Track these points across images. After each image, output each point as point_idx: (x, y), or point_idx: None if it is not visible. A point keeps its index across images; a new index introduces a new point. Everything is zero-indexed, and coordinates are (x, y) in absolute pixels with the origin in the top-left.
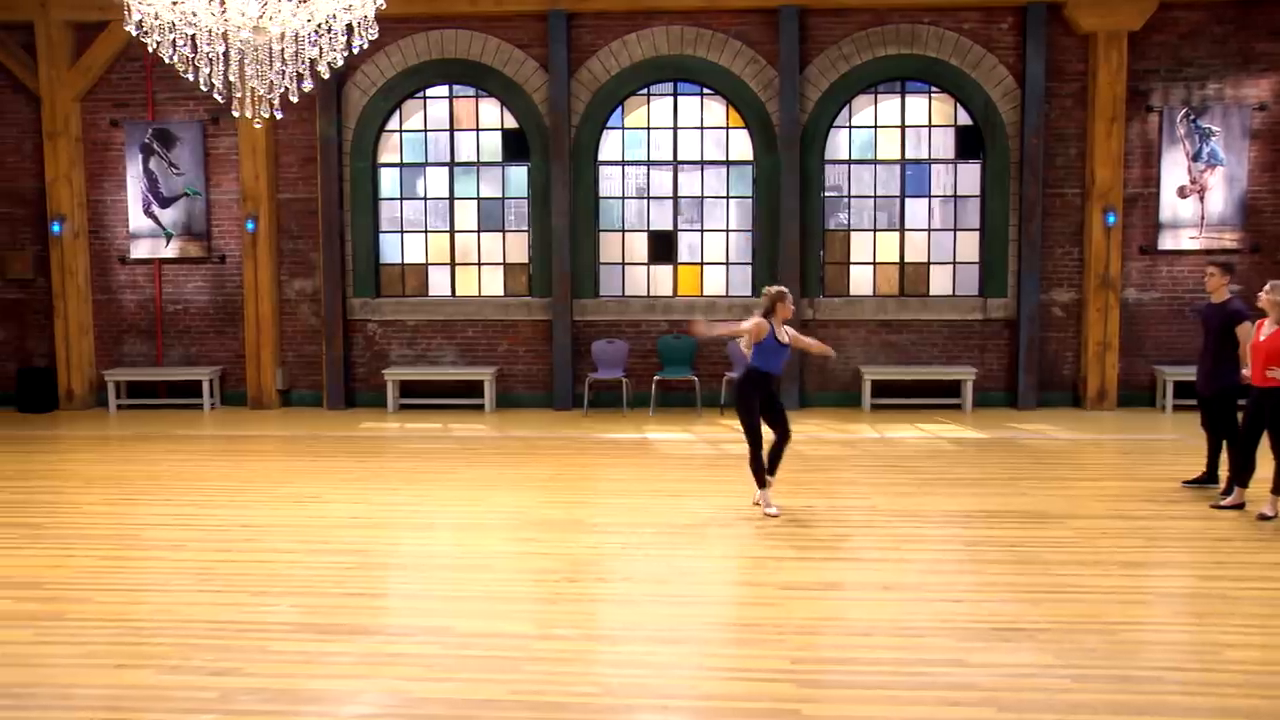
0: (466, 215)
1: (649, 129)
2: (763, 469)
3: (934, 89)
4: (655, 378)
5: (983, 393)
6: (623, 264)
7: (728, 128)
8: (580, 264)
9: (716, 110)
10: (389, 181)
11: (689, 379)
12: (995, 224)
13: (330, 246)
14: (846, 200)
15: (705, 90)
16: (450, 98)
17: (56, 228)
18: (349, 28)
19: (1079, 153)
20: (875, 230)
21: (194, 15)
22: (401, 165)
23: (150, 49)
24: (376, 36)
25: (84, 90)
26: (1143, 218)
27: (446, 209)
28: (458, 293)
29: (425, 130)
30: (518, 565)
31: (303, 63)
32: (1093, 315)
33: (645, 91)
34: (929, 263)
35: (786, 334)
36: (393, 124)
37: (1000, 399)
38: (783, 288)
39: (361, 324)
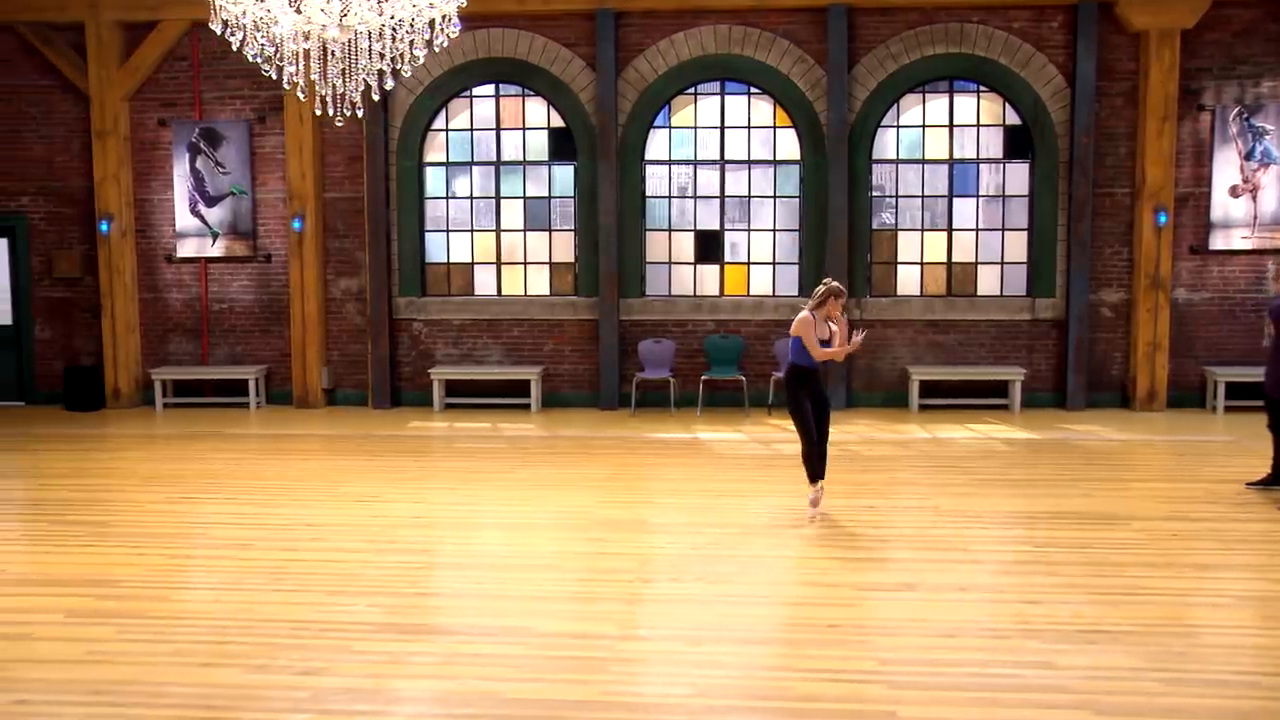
0: (512, 214)
1: (696, 128)
2: (816, 465)
3: (982, 88)
4: (703, 377)
5: (1030, 393)
6: (669, 263)
7: (775, 127)
8: (627, 263)
9: (764, 109)
10: (435, 180)
11: (736, 379)
12: (1044, 224)
13: (376, 246)
14: (893, 200)
15: (753, 89)
16: (496, 96)
17: (105, 227)
18: (430, 24)
19: (1129, 152)
20: (923, 230)
21: (281, 13)
22: (448, 164)
23: (234, 47)
24: (457, 33)
25: (132, 90)
26: (1193, 217)
27: (492, 208)
28: (503, 292)
29: (471, 129)
30: (588, 565)
31: (388, 60)
32: (1142, 315)
33: (692, 90)
34: (976, 263)
35: (830, 329)
36: (439, 123)
37: (1048, 399)
38: (840, 285)
39: (407, 323)
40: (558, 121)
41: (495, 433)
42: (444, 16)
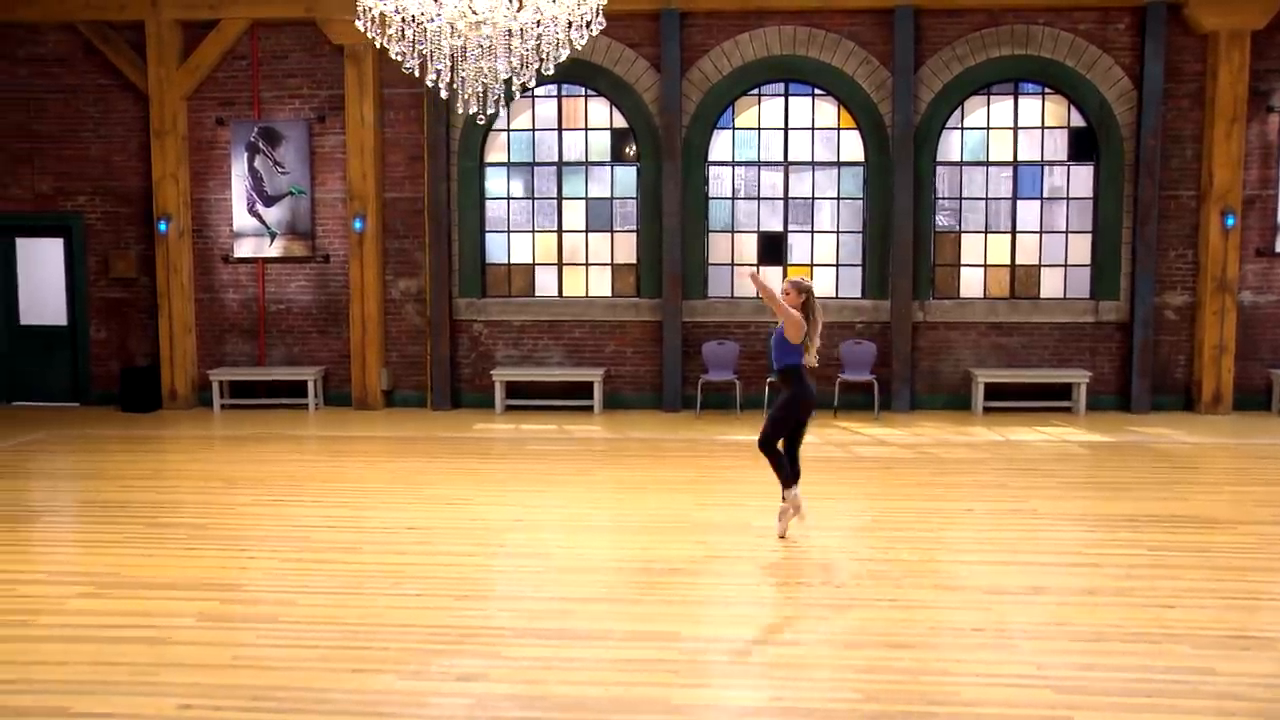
0: (574, 215)
1: (759, 129)
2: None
3: (1047, 90)
4: (769, 379)
5: (1093, 396)
6: (731, 265)
7: (839, 129)
8: (689, 265)
9: (828, 111)
10: (495, 181)
11: None
12: (1108, 226)
13: (438, 246)
14: (956, 201)
15: (816, 91)
16: (559, 96)
17: (163, 226)
18: (570, 23)
19: (1195, 154)
20: (986, 232)
21: (421, 12)
22: (509, 164)
23: (377, 45)
24: (602, 28)
25: (191, 89)
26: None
27: (554, 209)
28: (564, 293)
29: (533, 129)
30: (708, 569)
31: (533, 56)
32: (1208, 318)
33: (756, 92)
34: (1039, 265)
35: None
36: (500, 123)
37: (1111, 402)
38: (792, 280)
39: (467, 324)
40: (620, 122)
41: (564, 435)
42: (591, 11)
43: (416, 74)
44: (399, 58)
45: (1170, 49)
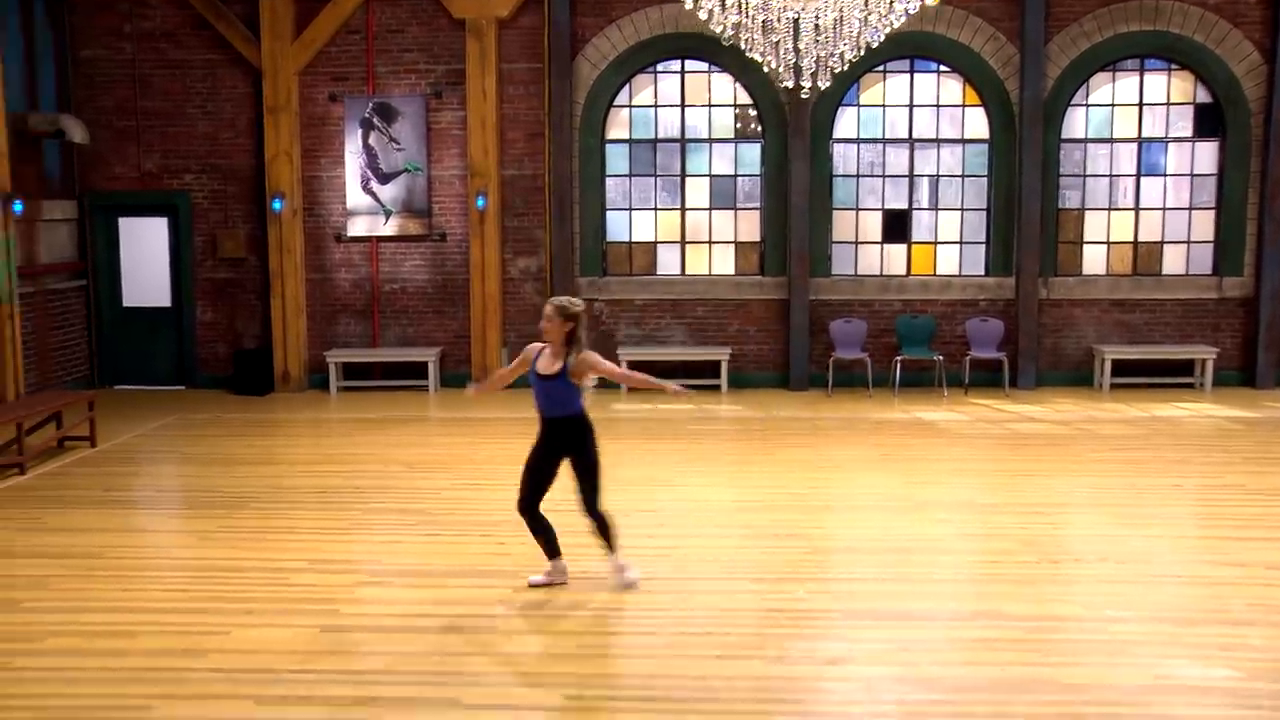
0: (697, 193)
1: (884, 106)
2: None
3: (1173, 66)
4: (898, 357)
5: (1215, 371)
6: (855, 242)
7: (964, 105)
8: (814, 242)
9: (953, 88)
10: (618, 158)
11: (926, 359)
12: (1233, 202)
13: (559, 224)
14: (1080, 179)
15: (941, 68)
16: (682, 72)
17: (277, 205)
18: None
19: None
20: (1110, 209)
21: None
22: (631, 141)
23: (703, 18)
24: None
25: (305, 64)
26: None
27: (676, 186)
28: (687, 271)
29: (655, 105)
30: (975, 548)
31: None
32: None
33: (882, 68)
34: (1162, 241)
35: (559, 362)
36: (622, 99)
37: (1233, 378)
38: (554, 300)
39: (588, 303)
40: (744, 99)
41: (709, 414)
42: None
43: (746, 49)
44: (729, 31)
45: None
